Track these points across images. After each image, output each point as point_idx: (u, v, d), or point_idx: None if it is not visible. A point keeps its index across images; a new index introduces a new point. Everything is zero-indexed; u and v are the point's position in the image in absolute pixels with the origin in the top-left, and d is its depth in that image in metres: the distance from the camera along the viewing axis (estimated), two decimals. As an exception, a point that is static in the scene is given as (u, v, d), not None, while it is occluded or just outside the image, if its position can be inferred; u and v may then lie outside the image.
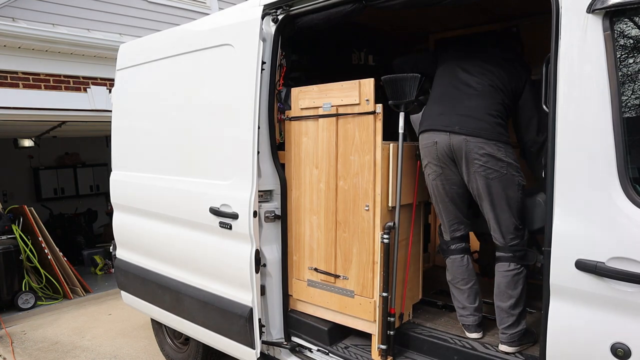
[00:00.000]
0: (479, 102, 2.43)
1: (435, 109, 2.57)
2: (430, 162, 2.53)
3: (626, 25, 1.71)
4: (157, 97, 3.39)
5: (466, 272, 2.59)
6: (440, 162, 2.49)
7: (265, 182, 2.78)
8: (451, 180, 2.51)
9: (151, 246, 3.52)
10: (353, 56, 3.82)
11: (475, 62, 2.56)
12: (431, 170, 2.54)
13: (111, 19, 6.21)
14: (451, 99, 2.52)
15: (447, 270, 2.68)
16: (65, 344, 4.66)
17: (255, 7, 2.68)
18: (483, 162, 2.34)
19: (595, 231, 1.70)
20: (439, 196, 2.57)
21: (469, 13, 3.26)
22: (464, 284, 2.59)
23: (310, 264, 2.76)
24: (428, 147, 2.52)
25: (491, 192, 2.37)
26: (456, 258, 2.61)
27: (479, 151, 2.34)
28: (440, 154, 2.47)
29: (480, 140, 2.34)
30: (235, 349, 2.88)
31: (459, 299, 2.60)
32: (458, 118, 2.42)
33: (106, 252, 7.54)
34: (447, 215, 2.60)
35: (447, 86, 2.58)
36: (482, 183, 2.37)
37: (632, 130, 1.67)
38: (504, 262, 2.42)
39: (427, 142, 2.52)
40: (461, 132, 2.38)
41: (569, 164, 1.76)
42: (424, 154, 2.56)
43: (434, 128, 2.49)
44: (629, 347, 1.64)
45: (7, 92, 5.32)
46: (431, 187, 2.59)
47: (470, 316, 2.55)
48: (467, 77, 2.52)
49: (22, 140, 8.79)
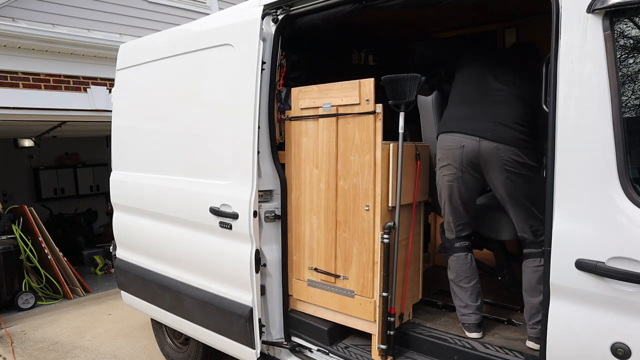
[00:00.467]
0: (509, 110, 2.45)
1: (462, 111, 2.57)
2: (450, 164, 2.52)
3: (626, 25, 1.71)
4: (157, 97, 3.39)
5: (469, 270, 2.61)
6: (462, 166, 2.49)
7: (265, 182, 2.78)
8: (468, 184, 2.54)
9: (151, 246, 3.52)
10: (353, 56, 3.82)
11: (504, 70, 2.58)
12: (449, 172, 2.54)
13: (111, 19, 6.21)
14: (481, 104, 2.53)
15: (449, 269, 2.68)
16: (65, 344, 4.66)
17: (255, 7, 2.68)
18: (514, 169, 2.38)
19: (595, 231, 1.70)
20: (451, 197, 2.58)
21: (469, 13, 3.27)
22: (467, 282, 2.59)
23: (310, 264, 2.76)
24: (452, 150, 2.51)
25: (519, 196, 2.43)
26: (460, 256, 2.63)
27: (510, 159, 2.37)
28: (465, 158, 2.47)
29: (512, 148, 2.37)
30: (235, 349, 2.88)
31: (461, 297, 2.60)
32: (489, 124, 2.43)
33: (106, 252, 7.54)
34: (456, 216, 2.62)
35: (476, 90, 2.59)
36: (512, 188, 2.42)
37: (632, 130, 1.67)
38: (535, 258, 2.44)
39: (451, 144, 2.51)
40: (493, 139, 2.40)
41: (569, 163, 1.76)
42: (445, 154, 2.54)
43: (462, 131, 2.48)
44: (629, 347, 1.64)
45: (7, 92, 5.33)
46: (445, 187, 2.58)
47: (472, 315, 2.55)
48: (497, 84, 2.54)
49: (22, 140, 8.79)
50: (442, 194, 2.62)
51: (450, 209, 2.62)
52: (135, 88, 3.60)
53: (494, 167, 2.43)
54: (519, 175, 2.40)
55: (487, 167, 2.46)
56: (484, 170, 2.48)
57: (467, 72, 2.70)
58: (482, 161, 2.45)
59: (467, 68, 2.71)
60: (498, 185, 2.48)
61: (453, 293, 2.67)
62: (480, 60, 2.72)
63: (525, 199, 2.44)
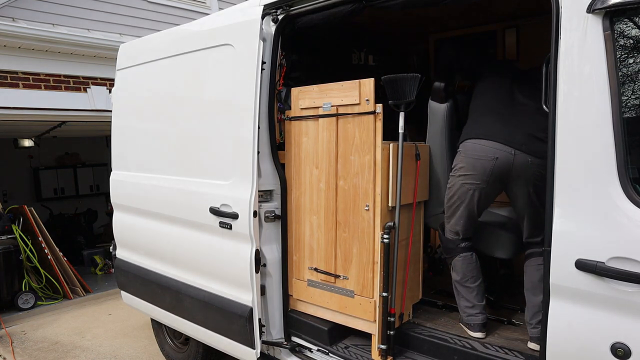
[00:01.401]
0: (537, 123, 2.40)
1: (492, 119, 2.52)
2: (475, 173, 2.47)
3: (626, 25, 1.71)
4: (157, 97, 3.39)
5: (475, 270, 2.61)
6: (489, 177, 2.45)
7: (265, 182, 2.78)
8: (489, 196, 2.53)
9: (151, 246, 3.52)
10: (353, 56, 3.82)
11: (528, 86, 2.56)
12: (472, 181, 2.49)
13: (111, 19, 6.21)
14: (510, 115, 2.49)
15: (454, 270, 2.65)
16: (65, 344, 4.66)
17: (255, 7, 2.68)
18: (540, 182, 2.34)
19: (595, 231, 1.70)
20: (467, 204, 2.54)
21: (469, 13, 3.27)
22: (473, 282, 2.59)
23: (310, 263, 2.76)
24: (482, 160, 2.44)
25: (537, 206, 2.42)
26: (467, 256, 2.61)
27: (539, 173, 2.34)
28: (496, 171, 2.43)
29: (542, 161, 2.33)
30: (235, 349, 2.88)
31: (467, 297, 2.59)
32: (523, 137, 2.40)
33: (106, 252, 7.54)
34: (467, 221, 2.60)
35: (503, 101, 2.56)
36: (534, 199, 2.42)
37: (632, 130, 1.67)
38: (538, 257, 2.45)
39: (482, 154, 2.44)
40: (528, 152, 2.37)
41: (569, 163, 1.76)
42: (471, 164, 2.47)
43: (496, 139, 2.43)
44: (629, 347, 1.64)
45: (7, 92, 5.33)
46: (463, 194, 2.53)
47: (478, 314, 2.54)
48: (523, 98, 2.53)
49: (22, 140, 8.79)
50: (457, 199, 2.57)
51: (461, 214, 2.58)
52: (135, 88, 3.60)
53: (522, 180, 2.42)
54: (541, 187, 2.36)
55: (516, 180, 2.43)
56: (510, 182, 2.46)
57: (490, 83, 2.67)
58: (513, 174, 2.42)
59: (491, 80, 2.69)
60: (521, 196, 2.47)
61: (458, 294, 2.65)
62: (504, 74, 2.70)
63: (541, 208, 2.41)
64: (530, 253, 2.52)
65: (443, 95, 2.72)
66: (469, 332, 2.55)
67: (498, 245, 2.78)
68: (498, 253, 2.79)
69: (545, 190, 2.37)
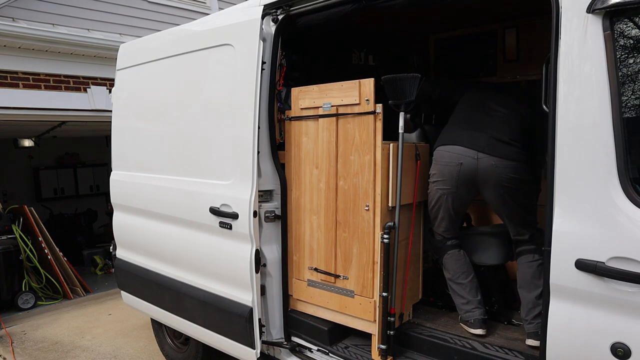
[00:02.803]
0: (506, 128, 2.52)
1: (460, 127, 2.64)
2: (445, 179, 2.57)
3: (626, 25, 1.71)
4: (157, 97, 3.39)
5: (465, 265, 2.67)
6: (458, 182, 2.54)
7: (265, 182, 2.78)
8: (462, 199, 2.61)
9: (151, 246, 3.52)
10: (353, 56, 3.82)
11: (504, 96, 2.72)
12: (443, 186, 2.59)
13: (111, 19, 6.21)
14: (479, 122, 2.59)
15: (445, 269, 2.71)
16: (65, 344, 4.66)
17: (255, 7, 2.68)
18: (509, 184, 2.44)
19: (595, 231, 1.70)
20: (444, 208, 2.64)
21: (469, 13, 3.27)
22: (464, 278, 2.63)
23: (310, 264, 2.76)
24: (449, 166, 2.55)
25: (513, 206, 2.50)
26: (454, 252, 2.68)
27: (507, 176, 2.44)
28: (462, 176, 2.52)
29: (508, 163, 2.43)
30: (235, 349, 2.88)
31: (461, 294, 2.62)
32: (487, 139, 2.49)
33: (106, 252, 7.54)
34: (448, 222, 2.68)
35: (475, 111, 2.67)
36: (507, 201, 2.49)
37: (632, 130, 1.67)
38: (528, 254, 2.53)
39: (448, 161, 2.55)
40: (491, 154, 2.45)
41: (568, 164, 1.76)
42: (440, 170, 2.58)
43: (460, 144, 2.53)
44: (629, 347, 1.64)
45: (7, 92, 5.33)
46: (438, 199, 2.63)
47: (475, 310, 2.56)
48: (496, 106, 2.63)
49: (22, 140, 8.79)
50: (435, 204, 2.66)
51: (442, 217, 2.67)
52: (136, 88, 3.60)
53: (491, 184, 2.50)
54: (513, 189, 2.47)
55: (484, 184, 2.52)
56: (480, 186, 2.54)
57: (466, 99, 2.79)
58: (479, 179, 2.51)
59: (467, 96, 2.81)
60: (493, 199, 2.55)
61: (453, 292, 2.69)
62: (480, 88, 2.86)
63: (518, 207, 2.51)
64: (521, 251, 2.58)
65: (411, 125, 3.00)
66: (469, 330, 2.56)
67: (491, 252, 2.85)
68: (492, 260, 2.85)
69: (518, 190, 2.44)
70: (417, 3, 2.34)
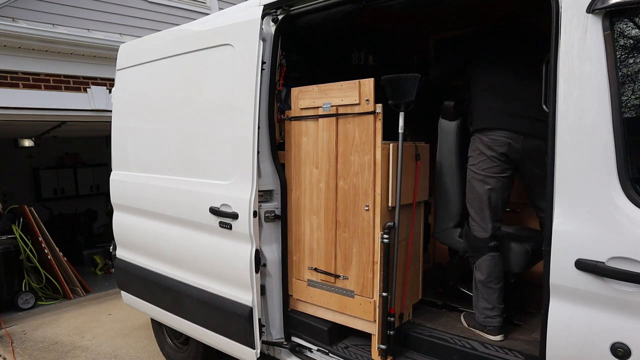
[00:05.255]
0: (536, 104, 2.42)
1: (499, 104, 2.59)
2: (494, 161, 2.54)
3: (626, 25, 1.71)
4: (157, 97, 3.39)
5: (500, 271, 2.60)
6: (506, 164, 2.54)
7: (265, 182, 2.78)
8: (508, 183, 2.61)
9: (151, 246, 3.52)
10: (353, 56, 3.82)
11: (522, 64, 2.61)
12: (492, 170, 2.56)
13: (111, 19, 6.21)
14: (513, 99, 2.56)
15: (479, 270, 2.61)
16: (65, 344, 4.66)
17: (255, 7, 2.68)
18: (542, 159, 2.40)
19: (595, 231, 1.70)
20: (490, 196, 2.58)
21: (469, 13, 3.26)
22: (496, 283, 2.57)
23: (310, 263, 2.76)
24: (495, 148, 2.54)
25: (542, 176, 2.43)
26: (495, 255, 2.59)
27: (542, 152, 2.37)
28: (511, 156, 2.53)
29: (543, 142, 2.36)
30: (235, 349, 2.88)
31: (489, 299, 2.56)
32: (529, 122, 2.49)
33: (106, 252, 7.53)
34: (494, 214, 2.61)
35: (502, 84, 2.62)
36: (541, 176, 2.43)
37: (632, 130, 1.67)
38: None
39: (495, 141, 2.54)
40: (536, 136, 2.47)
41: (568, 163, 1.76)
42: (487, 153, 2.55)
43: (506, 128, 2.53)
44: (628, 346, 1.64)
45: (7, 92, 5.32)
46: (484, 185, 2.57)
47: (497, 317, 2.53)
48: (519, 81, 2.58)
49: (22, 140, 8.79)
50: (480, 191, 2.58)
51: (488, 207, 2.59)
52: (136, 88, 3.60)
53: (535, 163, 2.50)
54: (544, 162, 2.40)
55: (530, 162, 2.53)
56: (524, 165, 2.55)
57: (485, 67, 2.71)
58: (526, 158, 2.51)
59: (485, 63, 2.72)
60: (533, 176, 2.57)
61: (478, 295, 2.61)
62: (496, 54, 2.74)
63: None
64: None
65: (453, 112, 2.81)
66: (486, 336, 2.53)
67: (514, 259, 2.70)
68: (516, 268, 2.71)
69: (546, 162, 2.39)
70: (417, 3, 2.34)
